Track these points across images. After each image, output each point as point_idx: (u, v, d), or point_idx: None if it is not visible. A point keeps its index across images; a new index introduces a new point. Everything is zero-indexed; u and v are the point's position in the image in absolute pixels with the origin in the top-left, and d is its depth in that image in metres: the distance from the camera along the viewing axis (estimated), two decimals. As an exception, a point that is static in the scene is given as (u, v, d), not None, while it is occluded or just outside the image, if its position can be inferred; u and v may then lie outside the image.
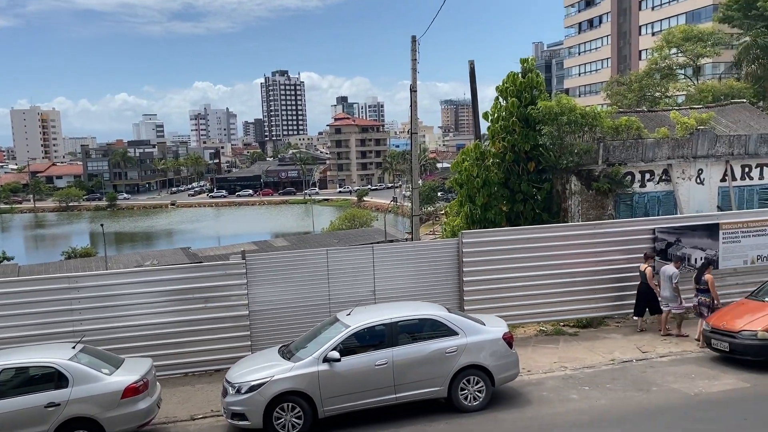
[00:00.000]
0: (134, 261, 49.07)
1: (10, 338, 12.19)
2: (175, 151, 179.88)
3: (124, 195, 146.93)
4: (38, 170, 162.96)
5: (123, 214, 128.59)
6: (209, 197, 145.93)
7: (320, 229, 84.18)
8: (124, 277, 13.31)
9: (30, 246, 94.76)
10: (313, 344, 10.70)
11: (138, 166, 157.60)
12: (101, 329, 12.61)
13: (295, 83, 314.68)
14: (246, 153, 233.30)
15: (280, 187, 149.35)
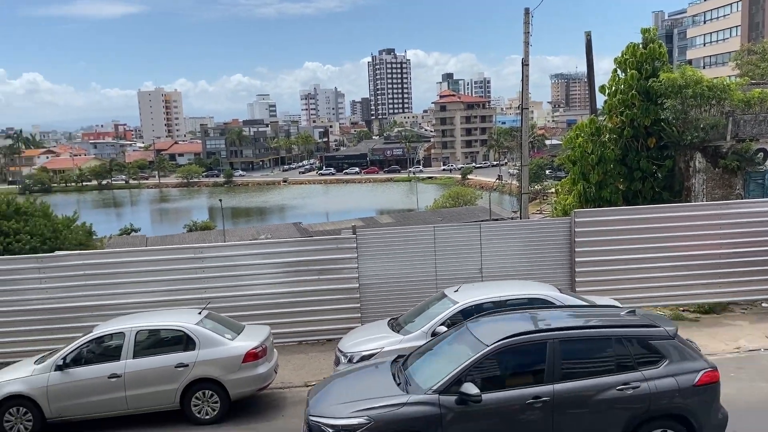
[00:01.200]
0: (250, 235, 51.60)
1: (142, 303, 13.24)
2: (286, 130, 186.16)
3: (240, 172, 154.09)
4: (162, 148, 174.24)
5: (239, 190, 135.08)
6: (318, 175, 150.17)
7: (424, 206, 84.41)
8: (244, 249, 14.06)
9: (155, 219, 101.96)
10: (421, 318, 10.84)
11: (252, 144, 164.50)
12: (223, 297, 13.41)
13: (401, 61, 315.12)
14: (353, 131, 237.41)
15: (385, 165, 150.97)
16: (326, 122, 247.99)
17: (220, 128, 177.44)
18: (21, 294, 13.18)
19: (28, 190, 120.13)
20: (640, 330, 7.77)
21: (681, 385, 7.40)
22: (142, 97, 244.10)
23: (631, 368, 7.47)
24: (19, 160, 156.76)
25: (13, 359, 12.44)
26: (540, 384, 7.33)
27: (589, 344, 7.66)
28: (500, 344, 7.52)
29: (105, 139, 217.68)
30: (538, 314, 8.69)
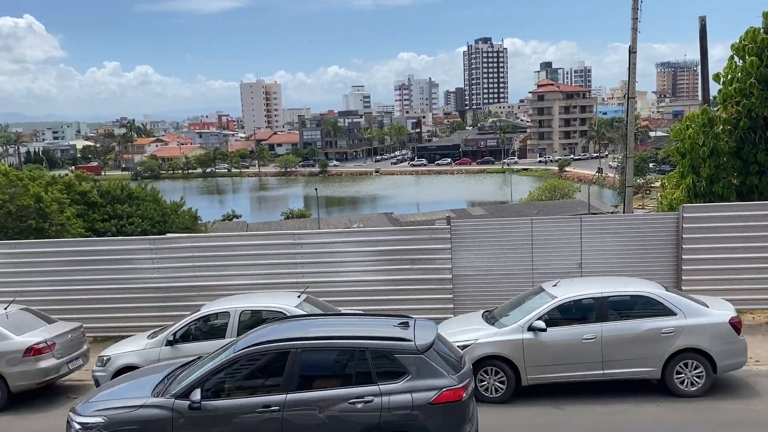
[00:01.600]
0: (342, 223, 52.65)
1: (244, 285, 13.82)
2: (380, 121, 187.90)
3: (334, 162, 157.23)
4: (262, 138, 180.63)
5: (333, 180, 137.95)
6: (410, 165, 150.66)
7: (518, 199, 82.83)
8: (341, 237, 14.38)
9: (254, 206, 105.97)
10: (517, 312, 10.68)
11: (347, 135, 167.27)
12: (321, 282, 13.77)
13: (497, 50, 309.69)
14: (446, 122, 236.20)
15: (478, 156, 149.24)
16: (419, 113, 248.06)
17: (316, 119, 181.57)
18: (135, 273, 14.11)
19: (140, 177, 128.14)
20: (384, 343, 7.44)
21: (416, 401, 7.10)
22: (244, 88, 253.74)
23: (369, 382, 7.23)
24: (131, 148, 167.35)
25: (128, 333, 13.38)
26: (275, 393, 7.26)
27: (330, 355, 7.53)
28: (242, 352, 7.51)
29: (209, 129, 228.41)
30: (311, 322, 8.59)
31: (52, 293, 14.05)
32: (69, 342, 11.42)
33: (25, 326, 11.18)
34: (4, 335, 10.77)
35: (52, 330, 11.32)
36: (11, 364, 10.62)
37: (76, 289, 14.11)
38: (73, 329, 11.71)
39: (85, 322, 12.76)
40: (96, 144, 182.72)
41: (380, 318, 8.78)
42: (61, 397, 11.32)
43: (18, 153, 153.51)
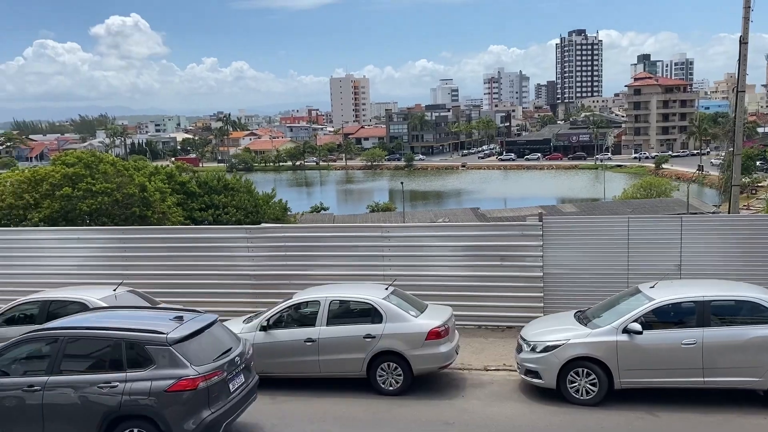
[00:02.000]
0: (428, 218, 52.62)
1: (332, 275, 14.09)
2: (468, 115, 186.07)
3: (420, 156, 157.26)
4: (349, 132, 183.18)
5: (418, 173, 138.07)
6: (498, 160, 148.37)
7: (611, 196, 79.79)
8: (428, 231, 14.39)
9: (341, 199, 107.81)
10: (611, 313, 10.34)
11: (433, 129, 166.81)
12: (407, 275, 13.83)
13: (592, 42, 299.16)
14: (536, 116, 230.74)
15: (569, 151, 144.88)
16: (508, 106, 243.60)
17: (403, 113, 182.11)
18: (232, 260, 14.71)
19: (234, 168, 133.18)
20: (137, 335, 8.20)
21: (154, 389, 7.87)
22: (334, 83, 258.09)
23: (120, 369, 8.05)
24: (227, 141, 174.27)
25: (223, 318, 13.95)
26: (41, 375, 8.21)
27: (91, 344, 8.39)
28: (25, 336, 8.62)
29: (299, 123, 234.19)
30: (101, 314, 9.51)
31: (155, 276, 14.85)
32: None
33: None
34: (114, 314, 11.52)
35: (156, 311, 12.01)
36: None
37: (177, 274, 14.85)
38: (174, 311, 12.36)
39: (185, 305, 13.41)
40: (194, 137, 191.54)
41: (166, 311, 9.60)
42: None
43: (124, 144, 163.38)
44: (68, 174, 30.88)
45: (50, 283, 14.75)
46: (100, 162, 32.77)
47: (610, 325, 9.92)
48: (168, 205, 34.53)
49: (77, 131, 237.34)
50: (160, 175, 37.87)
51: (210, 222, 38.46)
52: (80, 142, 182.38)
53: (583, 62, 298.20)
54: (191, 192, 40.84)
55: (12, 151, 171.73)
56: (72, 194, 30.12)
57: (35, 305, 11.92)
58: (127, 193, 31.84)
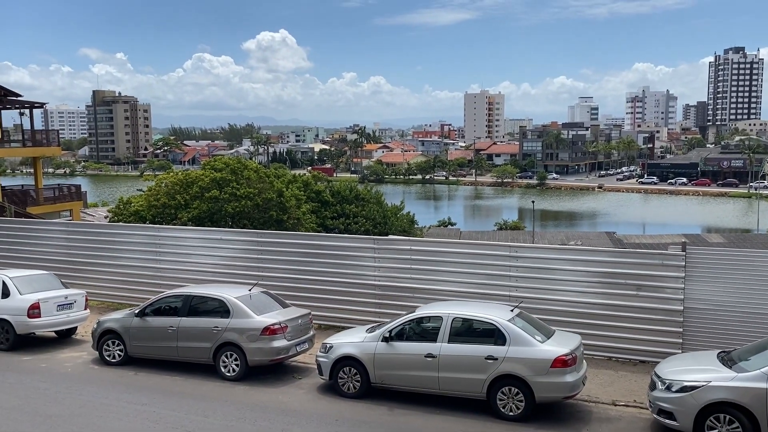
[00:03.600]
0: (559, 239, 50.80)
1: (456, 291, 13.97)
2: (607, 134, 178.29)
3: (554, 175, 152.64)
4: (481, 148, 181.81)
5: (551, 193, 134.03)
6: (638, 182, 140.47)
7: (766, 229, 72.81)
8: (559, 253, 13.84)
9: (468, 214, 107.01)
10: (761, 357, 9.38)
11: (569, 147, 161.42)
12: (534, 298, 13.40)
13: (751, 61, 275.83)
14: (683, 138, 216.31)
15: (719, 177, 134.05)
16: (653, 127, 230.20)
17: (538, 130, 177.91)
18: (359, 269, 15.03)
19: (366, 179, 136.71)
20: None
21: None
22: (468, 98, 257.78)
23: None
24: (360, 153, 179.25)
25: (347, 325, 14.31)
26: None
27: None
28: None
29: (431, 137, 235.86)
30: None
31: (287, 280, 15.53)
32: (299, 326, 12.55)
33: (264, 307, 12.51)
34: (248, 314, 12.16)
35: (285, 314, 12.54)
36: (251, 340, 11.96)
37: (307, 279, 15.42)
38: (303, 315, 12.85)
39: (312, 309, 13.92)
40: (331, 147, 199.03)
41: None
42: (287, 376, 12.47)
43: (267, 152, 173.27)
44: (216, 178, 33.23)
45: (194, 279, 15.91)
46: (245, 168, 34.95)
47: (760, 371, 8.99)
48: (303, 212, 36.11)
49: (226, 139, 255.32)
50: (297, 183, 39.73)
51: (340, 230, 39.73)
52: (228, 149, 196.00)
53: (739, 82, 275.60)
54: (325, 200, 42.45)
55: (168, 155, 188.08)
56: (219, 197, 32.36)
57: (179, 299, 12.87)
58: (267, 198, 33.67)
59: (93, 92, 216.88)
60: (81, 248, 17.92)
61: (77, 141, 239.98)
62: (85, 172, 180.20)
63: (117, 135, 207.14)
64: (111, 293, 17.58)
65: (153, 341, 12.67)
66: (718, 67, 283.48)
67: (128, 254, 17.36)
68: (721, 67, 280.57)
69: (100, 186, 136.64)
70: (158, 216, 32.24)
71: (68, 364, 13.19)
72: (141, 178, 78.75)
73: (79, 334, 15.21)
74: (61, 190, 39.19)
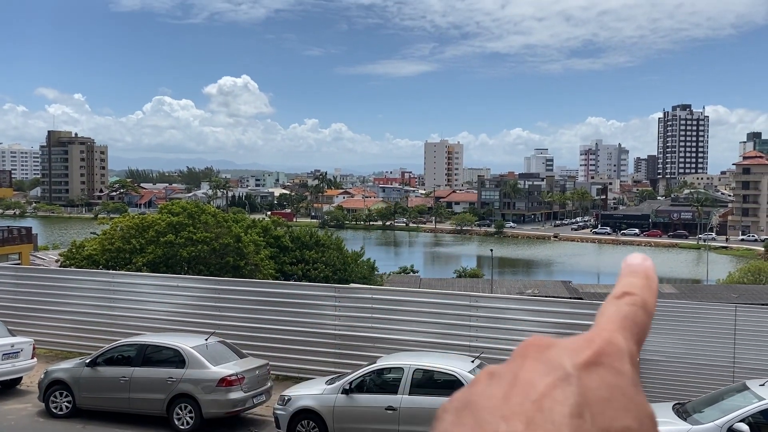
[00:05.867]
0: (516, 288, 51.30)
1: (416, 341, 13.94)
2: (562, 185, 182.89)
3: (511, 224, 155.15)
4: (441, 196, 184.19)
5: (508, 241, 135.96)
6: (592, 233, 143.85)
7: (715, 279, 75.08)
8: (519, 303, 14.03)
9: (428, 261, 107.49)
10: (713, 410, 9.57)
11: (526, 197, 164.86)
12: (494, 348, 13.47)
13: (697, 118, 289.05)
14: (635, 190, 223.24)
15: (670, 228, 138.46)
16: (605, 179, 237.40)
17: (495, 180, 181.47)
18: (318, 318, 14.90)
19: (326, 225, 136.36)
20: None
21: None
22: (428, 147, 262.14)
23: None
24: (321, 198, 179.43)
25: (306, 375, 14.07)
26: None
27: None
28: None
29: (392, 184, 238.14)
30: None
31: (244, 329, 15.25)
32: (256, 377, 12.28)
33: (221, 358, 12.23)
34: (203, 364, 11.86)
35: (243, 364, 12.27)
36: (206, 392, 11.64)
37: (265, 327, 15.19)
38: (261, 366, 12.59)
39: (270, 359, 13.66)
40: (291, 192, 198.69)
41: None
42: (243, 430, 12.13)
43: (226, 196, 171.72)
44: (173, 222, 32.73)
45: (149, 327, 15.48)
46: (202, 213, 34.57)
47: (713, 423, 9.17)
48: (261, 258, 35.73)
49: (184, 182, 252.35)
50: (256, 228, 39.41)
51: (299, 276, 39.35)
52: (186, 192, 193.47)
53: (687, 138, 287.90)
54: (284, 246, 42.11)
55: (124, 197, 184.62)
56: (174, 241, 31.80)
57: (133, 348, 12.49)
58: (224, 243, 33.24)
59: (48, 132, 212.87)
60: (30, 293, 17.30)
61: (29, 182, 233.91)
62: (36, 213, 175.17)
63: (72, 176, 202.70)
64: (61, 341, 16.94)
65: (104, 392, 12.21)
66: (666, 122, 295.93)
67: (80, 300, 16.83)
68: (670, 123, 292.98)
69: (52, 228, 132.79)
70: (112, 260, 31.48)
71: (11, 417, 12.57)
72: (95, 220, 77.00)
73: (24, 384, 14.55)
74: (11, 232, 38.04)
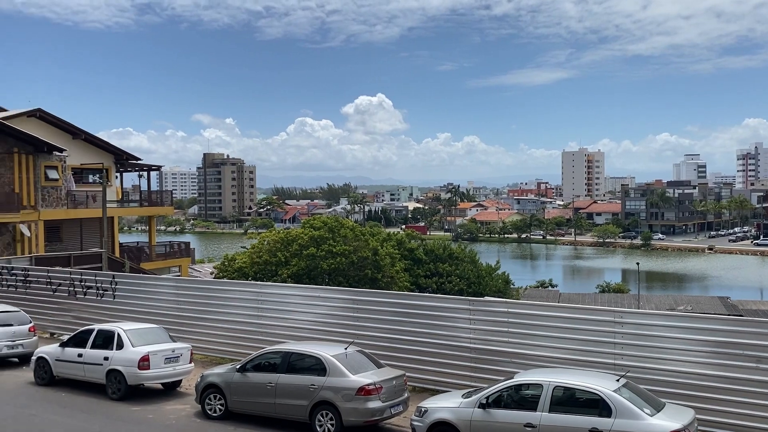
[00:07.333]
0: (666, 303, 48.00)
1: (552, 357, 13.40)
2: (717, 193, 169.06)
3: (659, 235, 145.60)
4: (580, 207, 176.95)
5: (656, 254, 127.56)
6: (754, 244, 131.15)
7: None
8: (668, 320, 13.04)
9: (567, 275, 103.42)
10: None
11: (675, 207, 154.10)
12: (640, 368, 12.63)
13: None
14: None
15: None
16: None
17: (641, 189, 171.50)
18: (453, 331, 14.81)
19: (460, 238, 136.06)
20: None
21: None
22: (566, 156, 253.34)
23: None
24: (454, 211, 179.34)
25: (441, 388, 14.04)
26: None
27: None
28: None
29: (527, 195, 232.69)
30: None
31: (381, 339, 15.52)
32: (393, 387, 12.45)
33: (360, 367, 12.54)
34: (343, 372, 12.22)
35: (380, 374, 12.49)
36: (346, 400, 11.97)
37: (401, 339, 15.35)
38: (398, 376, 12.76)
39: (406, 370, 13.79)
40: (425, 206, 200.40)
41: None
42: (381, 439, 12.31)
43: (363, 211, 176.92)
44: (314, 236, 34.24)
45: (292, 336, 16.26)
46: (342, 227, 35.84)
47: None
48: (396, 270, 36.31)
49: (324, 198, 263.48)
50: (391, 241, 40.14)
51: (433, 289, 39.50)
52: (326, 207, 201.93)
53: None
54: (418, 259, 42.50)
55: (271, 213, 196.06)
56: (316, 254, 33.23)
57: (278, 355, 13.16)
58: (362, 256, 34.20)
59: (204, 155, 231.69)
60: (188, 303, 18.82)
61: (187, 200, 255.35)
62: (194, 229, 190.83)
63: (224, 195, 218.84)
64: (214, 347, 18.24)
65: (252, 397, 12.95)
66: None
67: (232, 309, 18.02)
68: None
69: (206, 243, 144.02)
70: (260, 272, 33.47)
71: (172, 417, 13.69)
72: (245, 235, 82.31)
73: (183, 386, 15.80)
74: (172, 247, 41.65)
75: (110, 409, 14.03)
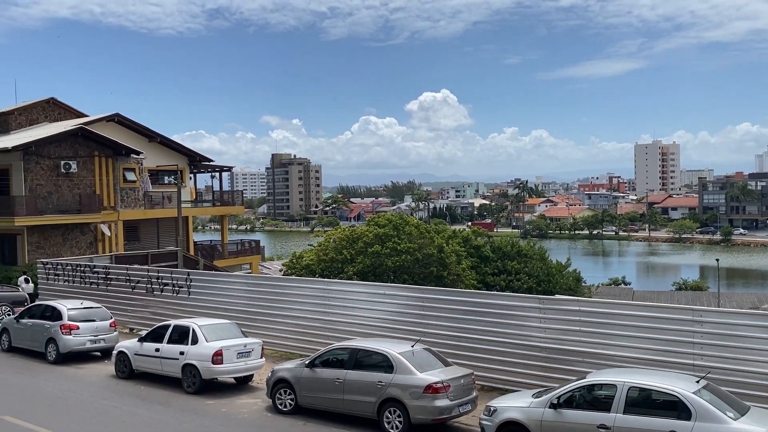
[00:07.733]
0: (749, 302, 45.69)
1: (626, 357, 12.93)
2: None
3: (741, 230, 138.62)
4: (655, 201, 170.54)
5: (737, 250, 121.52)
6: None
7: None
8: (753, 319, 12.36)
9: (641, 272, 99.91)
10: None
11: (759, 200, 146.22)
12: (722, 369, 12.02)
13: None
14: None
15: None
16: None
17: (720, 182, 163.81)
18: (522, 329, 14.52)
19: (528, 235, 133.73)
20: None
21: None
22: (638, 149, 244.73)
23: None
24: (522, 207, 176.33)
25: (510, 387, 13.81)
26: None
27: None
28: None
29: (599, 190, 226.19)
30: None
31: (448, 337, 15.40)
32: (461, 386, 12.33)
33: (427, 365, 12.47)
34: (410, 370, 12.19)
35: (448, 372, 12.39)
36: (413, 398, 11.94)
37: (469, 337, 15.18)
38: (466, 375, 12.62)
39: (474, 369, 13.63)
40: (491, 202, 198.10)
41: None
42: (449, 437, 12.22)
43: (427, 208, 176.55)
44: (379, 234, 34.39)
45: (359, 332, 16.37)
46: (406, 224, 35.85)
47: None
48: (462, 268, 36.00)
49: (389, 196, 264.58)
50: (457, 239, 39.84)
51: (502, 287, 38.92)
52: (390, 205, 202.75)
53: None
54: (485, 256, 41.98)
55: (336, 212, 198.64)
56: (381, 252, 33.36)
57: (346, 352, 13.26)
58: (427, 253, 34.09)
59: (272, 155, 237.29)
60: (259, 299, 19.25)
61: (257, 200, 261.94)
62: (263, 228, 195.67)
63: (291, 194, 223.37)
64: (284, 343, 18.59)
65: (321, 392, 13.10)
66: None
67: (300, 306, 18.32)
68: None
69: (275, 241, 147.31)
70: (326, 269, 33.92)
71: (245, 411, 14.03)
72: (311, 233, 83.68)
73: (254, 381, 16.17)
74: (243, 245, 42.78)
75: (185, 403, 14.51)
